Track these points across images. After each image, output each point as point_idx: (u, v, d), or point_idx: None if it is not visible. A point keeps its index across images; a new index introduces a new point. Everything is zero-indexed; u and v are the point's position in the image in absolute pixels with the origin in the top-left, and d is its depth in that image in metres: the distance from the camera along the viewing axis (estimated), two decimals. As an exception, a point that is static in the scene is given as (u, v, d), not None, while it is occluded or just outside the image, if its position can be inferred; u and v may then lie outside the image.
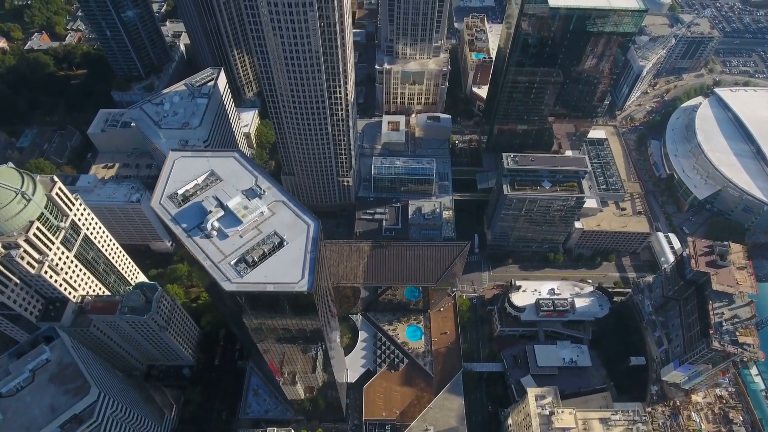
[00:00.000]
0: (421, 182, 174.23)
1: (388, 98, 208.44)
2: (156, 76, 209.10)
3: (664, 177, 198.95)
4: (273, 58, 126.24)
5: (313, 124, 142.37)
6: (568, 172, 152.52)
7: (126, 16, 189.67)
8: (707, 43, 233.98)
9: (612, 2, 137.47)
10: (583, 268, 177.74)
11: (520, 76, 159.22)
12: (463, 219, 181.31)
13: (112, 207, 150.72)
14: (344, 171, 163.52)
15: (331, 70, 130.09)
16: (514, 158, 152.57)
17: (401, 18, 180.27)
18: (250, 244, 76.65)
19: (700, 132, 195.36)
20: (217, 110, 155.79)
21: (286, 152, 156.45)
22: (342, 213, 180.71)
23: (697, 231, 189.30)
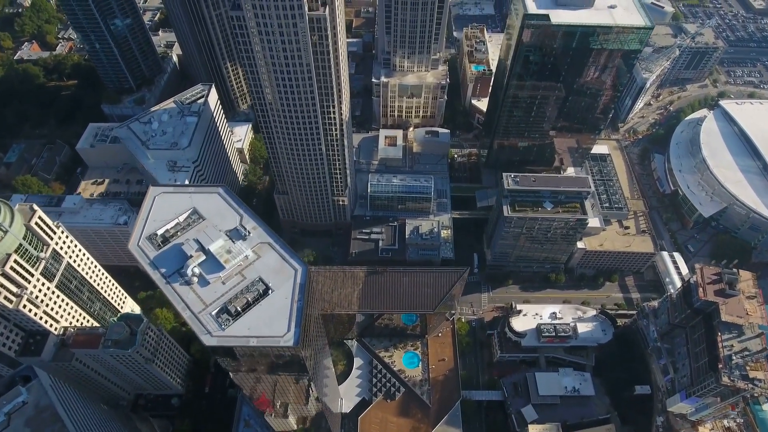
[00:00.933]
0: (418, 200, 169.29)
1: (385, 111, 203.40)
2: (147, 89, 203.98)
3: (668, 193, 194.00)
4: (263, 79, 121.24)
5: (306, 144, 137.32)
6: (571, 193, 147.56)
7: (115, 27, 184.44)
8: (711, 54, 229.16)
9: (617, 19, 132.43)
10: (585, 289, 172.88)
11: (521, 92, 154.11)
12: (462, 237, 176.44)
13: (98, 229, 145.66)
14: (339, 190, 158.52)
15: (324, 91, 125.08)
16: (514, 178, 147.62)
17: (399, 28, 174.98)
18: (233, 291, 71.73)
19: (705, 147, 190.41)
20: (207, 128, 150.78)
21: (279, 172, 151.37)
22: (337, 232, 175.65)
23: (702, 249, 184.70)
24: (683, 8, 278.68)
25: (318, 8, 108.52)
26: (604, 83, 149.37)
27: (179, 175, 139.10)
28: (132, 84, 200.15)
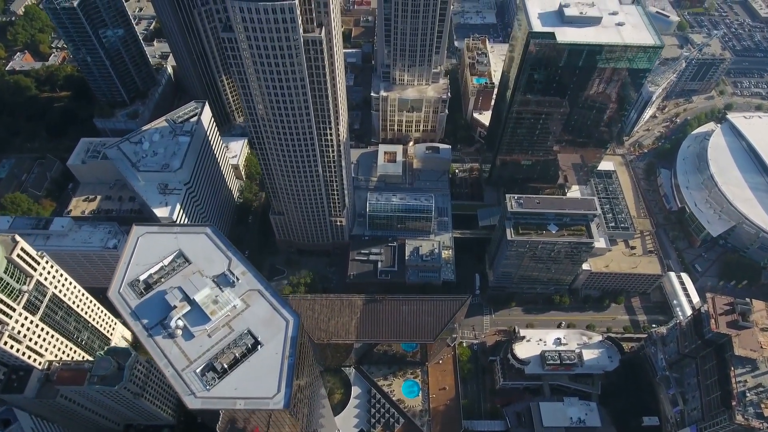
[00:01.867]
0: (419, 220, 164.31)
1: (384, 125, 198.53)
2: (141, 102, 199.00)
3: (675, 210, 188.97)
4: (257, 101, 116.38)
5: (302, 166, 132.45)
6: (576, 216, 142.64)
7: (107, 39, 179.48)
8: (718, 65, 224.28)
9: (625, 37, 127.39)
10: (590, 311, 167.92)
11: (525, 109, 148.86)
12: (463, 256, 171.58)
13: (87, 253, 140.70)
14: (337, 211, 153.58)
15: (320, 113, 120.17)
16: (518, 200, 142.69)
17: (398, 38, 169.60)
18: (219, 346, 66.88)
19: (713, 163, 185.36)
20: (200, 148, 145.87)
21: (274, 192, 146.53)
22: (335, 251, 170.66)
23: (710, 269, 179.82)
24: (688, 17, 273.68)
25: (313, 30, 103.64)
26: (611, 101, 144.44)
27: (170, 198, 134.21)
28: (125, 97, 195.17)
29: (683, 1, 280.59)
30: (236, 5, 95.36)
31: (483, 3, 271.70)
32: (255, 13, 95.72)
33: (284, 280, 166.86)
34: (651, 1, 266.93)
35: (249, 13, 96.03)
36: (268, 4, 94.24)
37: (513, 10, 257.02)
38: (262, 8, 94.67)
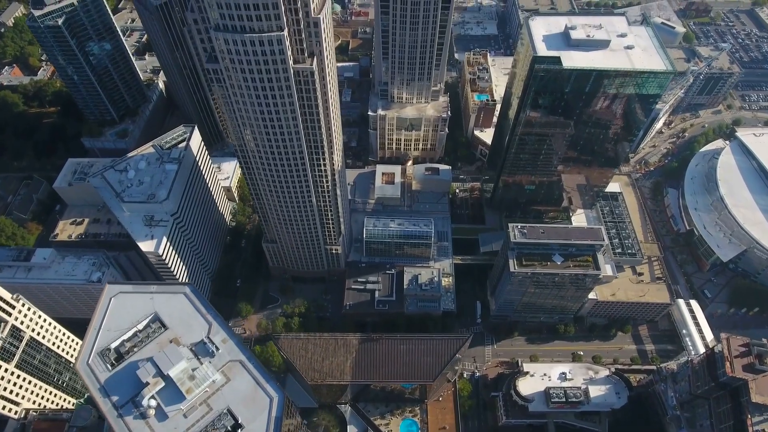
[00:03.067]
0: (418, 246, 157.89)
1: (382, 144, 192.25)
2: (131, 120, 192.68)
3: (683, 232, 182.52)
4: (245, 133, 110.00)
5: (295, 196, 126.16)
6: (582, 246, 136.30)
7: (94, 56, 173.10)
8: (726, 79, 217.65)
9: (635, 62, 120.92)
10: (596, 340, 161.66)
11: (529, 133, 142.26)
12: (464, 283, 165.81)
13: (71, 286, 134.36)
14: (332, 239, 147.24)
15: (313, 144, 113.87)
16: (521, 230, 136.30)
17: (397, 52, 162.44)
18: (195, 428, 60.42)
19: (723, 184, 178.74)
20: (189, 175, 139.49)
21: (266, 221, 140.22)
22: (331, 278, 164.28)
23: (719, 294, 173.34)
24: (694, 26, 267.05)
25: (304, 60, 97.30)
26: (619, 126, 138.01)
27: (156, 231, 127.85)
28: (114, 116, 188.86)
29: (689, 11, 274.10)
30: (221, 37, 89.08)
31: (484, 13, 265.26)
32: (241, 45, 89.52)
33: (278, 309, 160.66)
34: (656, 12, 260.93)
35: (235, 45, 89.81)
36: (255, 36, 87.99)
37: (515, 21, 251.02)
38: (248, 40, 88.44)
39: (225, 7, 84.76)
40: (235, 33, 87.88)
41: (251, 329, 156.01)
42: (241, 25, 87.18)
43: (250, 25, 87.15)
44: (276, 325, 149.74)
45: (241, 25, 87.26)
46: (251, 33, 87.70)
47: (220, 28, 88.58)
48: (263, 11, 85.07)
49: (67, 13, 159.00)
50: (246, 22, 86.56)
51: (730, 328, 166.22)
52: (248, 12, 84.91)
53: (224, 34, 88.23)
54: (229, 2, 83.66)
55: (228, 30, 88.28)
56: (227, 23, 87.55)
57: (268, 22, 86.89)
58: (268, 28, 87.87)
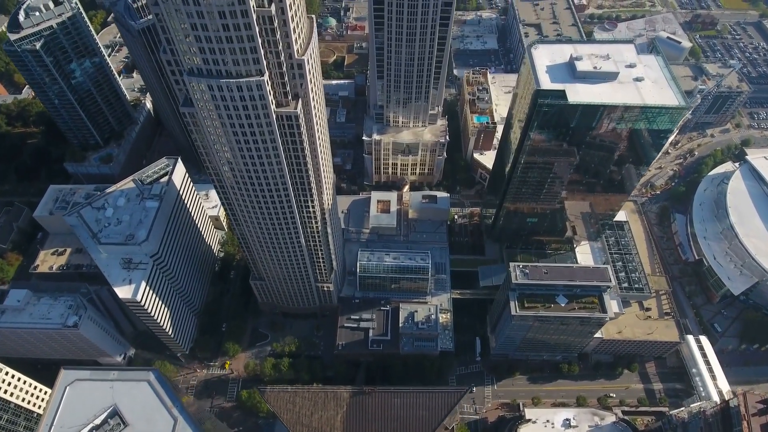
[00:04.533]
0: (414, 280, 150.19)
1: (378, 168, 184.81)
2: (116, 143, 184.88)
3: (691, 261, 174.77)
4: (226, 175, 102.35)
5: (282, 238, 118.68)
6: (588, 287, 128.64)
7: (76, 79, 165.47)
8: (735, 98, 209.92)
9: (645, 95, 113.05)
10: (601, 379, 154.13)
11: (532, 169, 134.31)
12: (463, 316, 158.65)
13: (46, 331, 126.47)
14: (323, 277, 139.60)
15: (300, 186, 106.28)
16: (522, 270, 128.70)
17: (393, 70, 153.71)
18: None
19: (733, 211, 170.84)
20: (171, 212, 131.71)
21: (252, 260, 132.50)
22: (323, 314, 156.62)
23: (730, 328, 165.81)
24: (700, 40, 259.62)
25: (288, 103, 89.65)
26: (629, 159, 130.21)
27: (135, 275, 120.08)
28: (98, 139, 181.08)
29: (695, 24, 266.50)
30: (194, 82, 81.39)
31: (484, 26, 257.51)
32: (218, 91, 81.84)
33: (267, 347, 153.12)
34: (661, 25, 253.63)
35: (210, 91, 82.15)
36: (232, 82, 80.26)
37: (515, 35, 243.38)
38: (225, 85, 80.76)
39: (199, 51, 77.11)
40: (211, 78, 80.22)
41: (239, 370, 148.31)
42: (217, 69, 79.56)
43: (227, 69, 79.53)
44: (264, 367, 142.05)
45: (217, 70, 79.65)
46: (228, 78, 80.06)
47: (194, 73, 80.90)
48: (240, 55, 77.42)
49: (45, 36, 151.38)
50: (222, 66, 78.93)
51: (741, 364, 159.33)
52: (224, 56, 77.25)
53: (198, 79, 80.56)
54: (203, 46, 75.98)
55: (203, 75, 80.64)
56: (201, 67, 79.92)
57: (247, 66, 79.25)
58: (247, 73, 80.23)
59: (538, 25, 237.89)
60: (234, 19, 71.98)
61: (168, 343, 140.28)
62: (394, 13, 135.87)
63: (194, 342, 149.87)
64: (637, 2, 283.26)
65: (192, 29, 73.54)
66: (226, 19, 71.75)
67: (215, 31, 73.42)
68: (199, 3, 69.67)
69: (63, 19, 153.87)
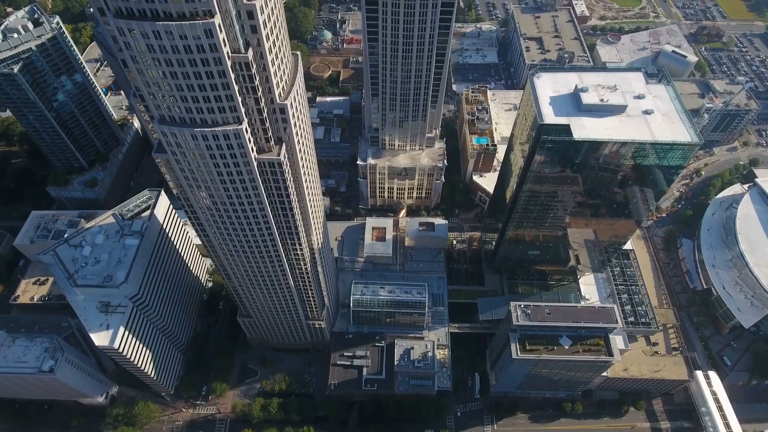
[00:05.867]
0: (410, 314, 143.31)
1: (373, 191, 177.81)
2: (102, 166, 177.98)
3: (699, 290, 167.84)
4: (206, 220, 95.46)
5: (270, 281, 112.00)
6: (593, 328, 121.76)
7: (58, 102, 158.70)
8: (743, 116, 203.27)
9: (655, 131, 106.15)
10: (606, 417, 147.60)
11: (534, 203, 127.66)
12: (461, 349, 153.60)
13: (21, 375, 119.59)
14: (314, 314, 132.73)
15: (287, 230, 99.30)
16: (524, 310, 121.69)
17: (388, 87, 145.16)
18: None
19: (743, 238, 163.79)
20: (154, 249, 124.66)
21: (238, 298, 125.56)
22: (316, 348, 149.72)
23: (740, 362, 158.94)
24: (705, 53, 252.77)
25: (271, 149, 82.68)
26: (637, 194, 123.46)
27: (113, 319, 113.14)
28: (83, 162, 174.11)
29: (700, 36, 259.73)
30: (166, 130, 74.49)
31: (484, 39, 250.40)
32: (192, 140, 74.93)
33: (257, 383, 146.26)
34: (666, 38, 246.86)
35: (184, 139, 75.25)
36: (207, 131, 73.33)
37: (516, 48, 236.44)
38: (200, 134, 73.80)
39: (169, 99, 70.27)
40: (183, 126, 73.32)
41: (226, 409, 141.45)
42: (190, 117, 72.65)
43: (201, 118, 72.63)
44: (253, 408, 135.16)
45: (191, 118, 72.74)
46: (203, 127, 73.15)
47: (166, 121, 74.03)
48: (215, 104, 70.52)
49: (24, 59, 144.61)
50: (196, 114, 72.02)
51: (752, 401, 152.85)
52: (197, 104, 70.35)
53: (170, 127, 73.67)
54: (174, 95, 69.14)
55: (175, 123, 73.75)
56: (173, 115, 73.03)
57: (223, 114, 72.36)
58: (223, 121, 73.33)
59: (540, 39, 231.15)
60: (206, 67, 65.18)
61: (151, 384, 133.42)
62: (389, 24, 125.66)
63: (180, 380, 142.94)
64: (640, 13, 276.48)
65: (160, 77, 66.76)
66: (198, 66, 64.94)
67: (186, 80, 66.57)
68: (166, 50, 62.86)
69: (43, 41, 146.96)
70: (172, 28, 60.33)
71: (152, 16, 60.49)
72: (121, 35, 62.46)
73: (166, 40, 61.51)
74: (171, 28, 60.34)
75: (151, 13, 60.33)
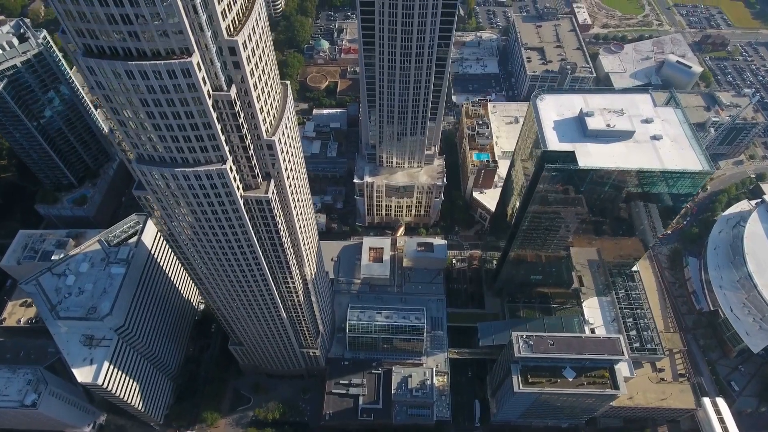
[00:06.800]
0: (408, 340, 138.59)
1: (371, 209, 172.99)
2: (92, 183, 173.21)
3: (706, 311, 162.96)
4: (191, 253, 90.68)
5: (260, 313, 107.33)
6: (598, 360, 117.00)
7: (45, 120, 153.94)
8: (750, 130, 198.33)
9: (664, 158, 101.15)
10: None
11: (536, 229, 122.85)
12: (461, 375, 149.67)
13: (2, 409, 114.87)
14: (308, 343, 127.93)
15: (278, 266, 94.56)
16: (526, 341, 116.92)
17: (386, 99, 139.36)
18: None
19: (751, 258, 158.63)
20: (141, 276, 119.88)
21: (229, 327, 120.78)
22: (311, 375, 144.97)
23: (748, 386, 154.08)
24: (710, 62, 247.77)
25: (258, 185, 77.82)
26: (644, 220, 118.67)
27: (97, 353, 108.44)
28: (72, 179, 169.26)
29: (705, 45, 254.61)
30: (144, 170, 69.66)
31: (484, 48, 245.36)
32: (172, 179, 70.16)
33: (250, 411, 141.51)
34: (670, 47, 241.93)
35: (164, 179, 70.48)
36: (188, 171, 68.51)
37: (517, 57, 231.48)
38: (181, 175, 68.98)
39: (147, 140, 65.53)
40: (163, 166, 68.55)
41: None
42: (170, 157, 67.92)
43: (183, 157, 67.90)
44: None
45: (171, 157, 68.00)
46: (184, 167, 68.35)
47: (144, 160, 69.24)
48: (197, 143, 65.82)
49: (9, 76, 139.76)
50: (176, 154, 67.30)
51: (762, 428, 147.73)
52: (177, 144, 65.61)
53: (149, 167, 68.88)
54: (151, 135, 64.43)
55: (154, 162, 68.98)
56: (153, 155, 68.28)
57: (205, 153, 67.65)
58: (206, 160, 68.62)
59: (541, 49, 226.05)
60: (185, 106, 60.52)
61: (139, 415, 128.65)
62: (387, 32, 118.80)
63: (169, 409, 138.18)
64: (643, 21, 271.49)
65: (136, 117, 62.00)
66: (176, 106, 60.23)
67: (164, 119, 61.85)
68: (141, 90, 58.10)
69: (29, 57, 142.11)
70: (146, 67, 55.53)
71: (124, 54, 55.75)
72: (92, 74, 57.55)
73: (140, 80, 56.74)
74: (145, 67, 55.54)
75: (123, 52, 55.56)
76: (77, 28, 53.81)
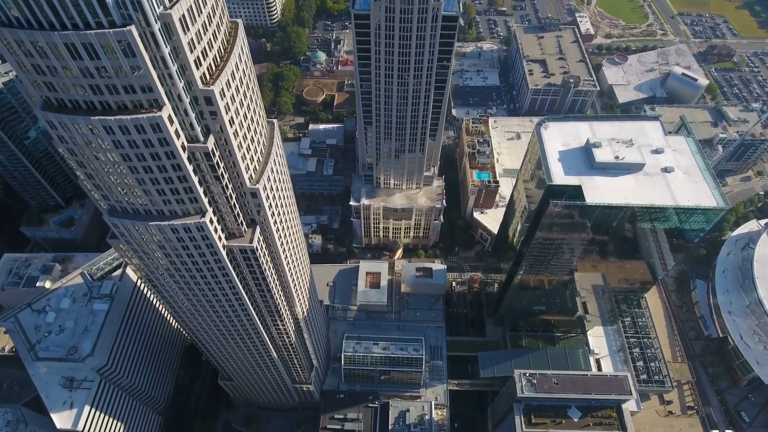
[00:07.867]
0: (406, 372, 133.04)
1: (368, 231, 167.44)
2: (80, 203, 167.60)
3: (714, 337, 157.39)
4: (172, 297, 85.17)
5: (249, 354, 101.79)
6: (605, 400, 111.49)
7: (30, 140, 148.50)
8: (758, 146, 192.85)
9: (676, 193, 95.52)
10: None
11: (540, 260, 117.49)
12: (461, 405, 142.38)
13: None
14: (302, 378, 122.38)
15: (266, 310, 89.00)
16: (529, 379, 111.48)
17: (383, 115, 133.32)
18: None
19: (761, 283, 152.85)
20: (126, 310, 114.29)
21: (218, 364, 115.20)
22: (305, 408, 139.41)
23: (758, 417, 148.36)
24: (715, 73, 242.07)
25: (242, 233, 72.21)
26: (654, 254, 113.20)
27: (77, 396, 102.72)
28: (59, 200, 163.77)
29: (710, 56, 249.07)
30: (117, 222, 64.14)
31: (485, 60, 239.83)
32: (147, 232, 64.66)
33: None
34: (674, 58, 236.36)
35: (138, 232, 64.97)
36: (164, 225, 63.02)
37: (518, 69, 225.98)
38: (156, 228, 63.54)
39: (119, 193, 60.08)
40: (137, 219, 63.07)
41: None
42: (144, 209, 62.46)
43: (158, 209, 62.41)
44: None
45: (145, 210, 62.53)
46: (159, 220, 62.85)
47: (117, 212, 63.76)
48: (173, 196, 60.36)
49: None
50: (151, 206, 61.88)
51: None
52: (151, 197, 60.15)
53: (122, 220, 63.38)
54: (124, 191, 59.04)
55: (127, 215, 63.49)
56: (125, 207, 62.80)
57: (182, 206, 62.18)
58: (184, 213, 63.15)
59: (543, 61, 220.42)
60: (157, 161, 55.01)
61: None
62: (383, 44, 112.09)
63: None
64: (647, 30, 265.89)
65: (104, 171, 56.54)
66: (146, 161, 54.74)
67: (135, 173, 56.43)
68: (107, 146, 52.62)
69: (11, 77, 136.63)
70: (111, 123, 50.03)
71: (87, 108, 50.24)
72: (52, 128, 52.08)
73: (105, 135, 51.29)
74: (110, 123, 50.04)
75: (86, 105, 50.08)
76: (33, 80, 48.34)
